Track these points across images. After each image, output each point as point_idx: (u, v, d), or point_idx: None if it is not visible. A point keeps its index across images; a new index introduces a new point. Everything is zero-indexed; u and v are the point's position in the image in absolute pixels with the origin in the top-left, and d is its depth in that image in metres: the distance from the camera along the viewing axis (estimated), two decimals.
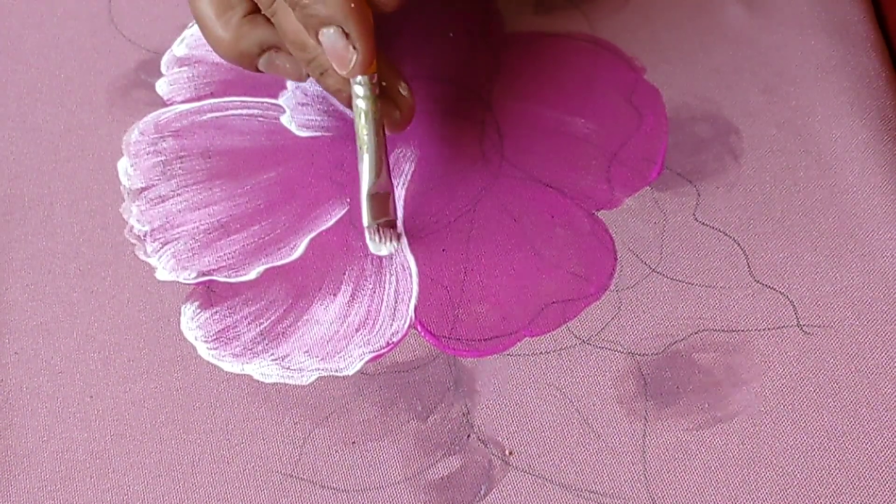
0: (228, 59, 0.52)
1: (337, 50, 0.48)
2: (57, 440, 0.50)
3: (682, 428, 0.49)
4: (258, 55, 0.52)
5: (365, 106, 0.50)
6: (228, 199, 0.55)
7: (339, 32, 0.48)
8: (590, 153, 0.57)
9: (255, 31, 0.51)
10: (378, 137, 0.51)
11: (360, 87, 0.50)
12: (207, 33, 0.52)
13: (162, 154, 0.57)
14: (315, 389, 0.51)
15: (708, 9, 0.61)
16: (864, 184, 0.55)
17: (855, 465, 0.48)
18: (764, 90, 0.58)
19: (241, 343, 0.52)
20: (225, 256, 0.54)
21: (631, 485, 0.48)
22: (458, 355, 0.51)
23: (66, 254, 0.54)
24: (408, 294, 0.53)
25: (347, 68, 0.48)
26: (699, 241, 0.54)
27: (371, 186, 0.51)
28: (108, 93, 0.59)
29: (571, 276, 0.53)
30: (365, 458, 0.49)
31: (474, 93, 0.59)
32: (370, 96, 0.50)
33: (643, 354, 0.51)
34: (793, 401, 0.50)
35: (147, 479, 0.49)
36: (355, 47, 0.48)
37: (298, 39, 0.49)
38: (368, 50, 0.48)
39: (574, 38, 0.60)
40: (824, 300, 0.52)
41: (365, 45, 0.48)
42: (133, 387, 0.51)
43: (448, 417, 0.50)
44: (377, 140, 0.51)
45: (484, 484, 0.48)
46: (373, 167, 0.51)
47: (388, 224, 0.53)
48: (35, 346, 0.52)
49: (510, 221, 0.55)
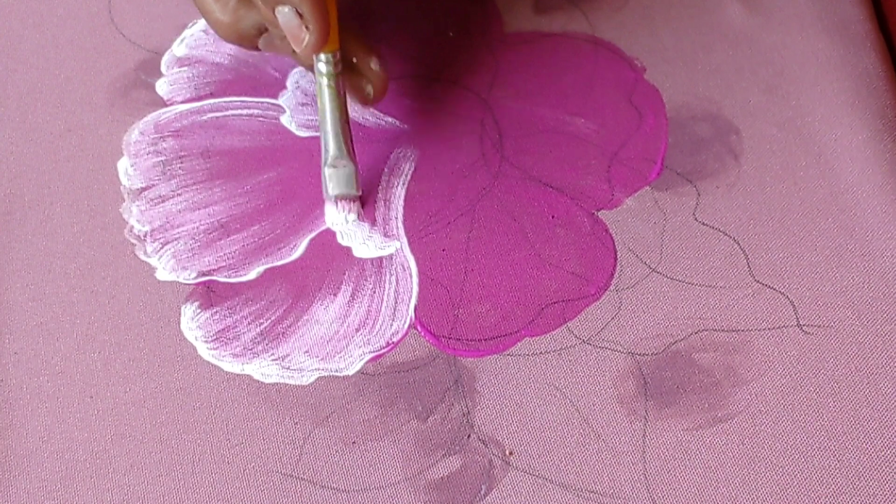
0: (229, 40, 0.53)
1: (291, 28, 0.49)
2: (57, 440, 0.50)
3: (682, 428, 0.49)
4: (257, 36, 0.52)
5: (326, 82, 0.52)
6: (228, 199, 0.55)
7: (293, 12, 0.49)
8: (590, 153, 0.57)
9: (252, 13, 0.52)
10: (339, 112, 0.53)
11: (321, 63, 0.52)
12: (208, 17, 0.52)
13: (162, 154, 0.57)
14: (315, 389, 0.51)
15: (708, 9, 0.61)
16: (864, 184, 0.55)
17: (855, 465, 0.48)
18: (764, 90, 0.58)
19: (242, 343, 0.52)
20: (225, 256, 0.54)
21: (631, 485, 0.48)
22: (459, 355, 0.51)
23: (66, 254, 0.54)
24: (408, 294, 0.53)
25: (301, 47, 0.50)
26: (699, 241, 0.54)
27: (331, 160, 0.53)
28: (108, 93, 0.59)
29: (571, 276, 0.53)
30: (365, 458, 0.49)
31: (474, 93, 0.59)
32: (331, 73, 0.52)
33: (643, 354, 0.51)
34: (793, 401, 0.50)
35: (147, 479, 0.49)
36: (308, 27, 0.49)
37: (271, 17, 0.50)
38: (321, 30, 0.49)
39: (574, 37, 0.60)
40: (824, 300, 0.52)
41: (317, 26, 0.49)
42: (133, 387, 0.51)
43: (448, 417, 0.50)
44: (338, 115, 0.53)
45: (484, 484, 0.48)
46: (331, 140, 0.53)
47: (351, 198, 0.54)
48: (35, 346, 0.52)
49: (510, 221, 0.55)
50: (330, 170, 0.53)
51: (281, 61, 0.59)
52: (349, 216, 0.55)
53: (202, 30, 0.60)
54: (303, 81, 0.59)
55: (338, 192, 0.54)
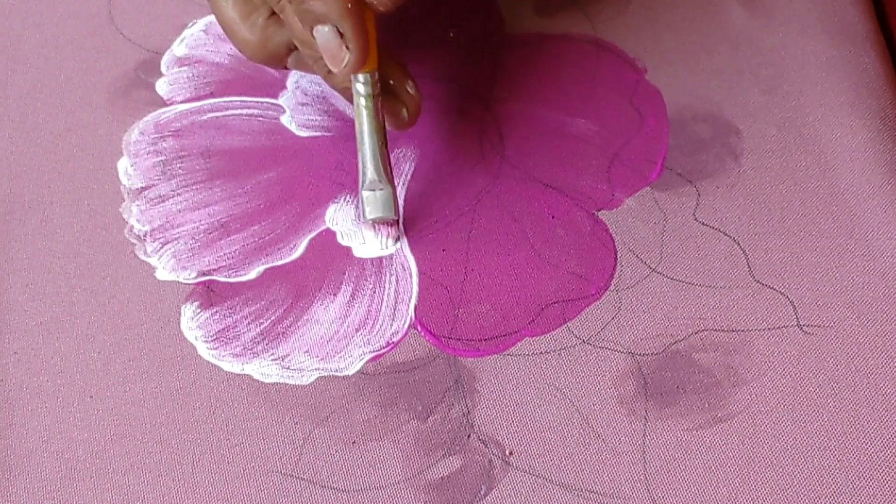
0: (257, 60, 0.52)
1: (331, 48, 0.48)
2: (57, 440, 0.50)
3: (682, 428, 0.49)
4: (287, 55, 0.52)
5: (364, 102, 0.51)
6: (228, 198, 0.55)
7: (334, 31, 0.48)
8: (590, 153, 0.57)
9: (282, 31, 0.51)
10: (377, 134, 0.51)
11: (360, 84, 0.51)
12: (233, 36, 0.51)
13: (162, 154, 0.57)
14: (315, 389, 0.51)
15: (710, 10, 0.61)
16: (864, 184, 0.55)
17: (855, 465, 0.48)
18: (764, 90, 0.58)
19: (241, 343, 0.52)
20: (225, 256, 0.54)
21: (631, 485, 0.48)
22: (459, 355, 0.51)
23: (66, 253, 0.54)
24: (408, 294, 0.53)
25: (340, 67, 0.49)
26: (699, 241, 0.54)
27: (368, 183, 0.51)
28: (108, 93, 0.59)
29: (571, 276, 0.53)
30: (365, 458, 0.49)
31: (474, 93, 0.59)
32: (370, 94, 0.51)
33: (643, 354, 0.51)
34: (793, 401, 0.50)
35: (147, 479, 0.49)
36: (349, 47, 0.48)
37: (305, 37, 0.49)
38: (361, 49, 0.48)
39: (576, 38, 0.60)
40: (824, 300, 0.52)
41: (358, 45, 0.48)
42: (133, 386, 0.51)
43: (448, 417, 0.50)
44: (377, 137, 0.51)
45: (484, 484, 0.48)
46: (369, 162, 0.51)
47: (388, 222, 0.53)
48: (35, 346, 0.52)
49: (510, 221, 0.55)
50: (367, 193, 0.52)
51: None
52: (387, 241, 0.54)
53: (202, 30, 0.61)
54: (303, 81, 0.59)
55: (375, 216, 0.52)
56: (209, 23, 0.61)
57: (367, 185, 0.52)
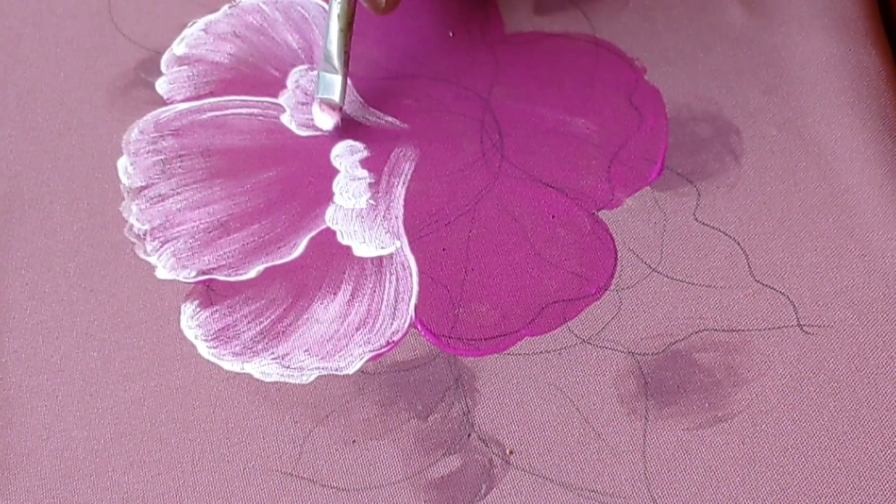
0: None
1: None
2: (56, 439, 0.49)
3: (682, 427, 0.49)
4: None
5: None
6: (228, 197, 0.55)
7: None
8: (590, 153, 0.57)
9: None
10: (343, 20, 0.54)
11: None
12: None
13: (162, 153, 0.57)
14: (315, 388, 0.51)
15: (709, 10, 0.61)
16: (864, 184, 0.55)
17: (855, 465, 0.48)
18: (764, 90, 0.58)
19: (241, 342, 0.52)
20: (225, 255, 0.54)
21: (631, 484, 0.48)
22: (459, 354, 0.51)
23: (66, 252, 0.54)
24: (408, 293, 0.53)
25: None
26: (699, 241, 0.54)
27: (324, 64, 0.55)
28: (108, 92, 0.59)
29: (572, 275, 0.53)
30: (365, 457, 0.49)
31: (475, 93, 0.59)
32: None
33: (643, 354, 0.51)
34: (793, 401, 0.50)
35: (147, 478, 0.49)
36: None
37: None
38: None
39: (575, 38, 0.60)
40: (824, 300, 0.52)
41: None
42: (133, 385, 0.51)
43: (448, 416, 0.50)
44: (341, 21, 0.54)
45: (484, 483, 0.48)
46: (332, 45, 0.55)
47: (333, 105, 0.56)
48: (34, 345, 0.52)
49: (510, 221, 0.55)
50: (323, 74, 0.55)
51: (281, 60, 0.59)
52: (329, 122, 0.56)
53: (202, 29, 0.60)
54: (303, 81, 0.59)
55: (322, 97, 0.55)
56: (209, 22, 0.61)
57: (323, 66, 0.55)
